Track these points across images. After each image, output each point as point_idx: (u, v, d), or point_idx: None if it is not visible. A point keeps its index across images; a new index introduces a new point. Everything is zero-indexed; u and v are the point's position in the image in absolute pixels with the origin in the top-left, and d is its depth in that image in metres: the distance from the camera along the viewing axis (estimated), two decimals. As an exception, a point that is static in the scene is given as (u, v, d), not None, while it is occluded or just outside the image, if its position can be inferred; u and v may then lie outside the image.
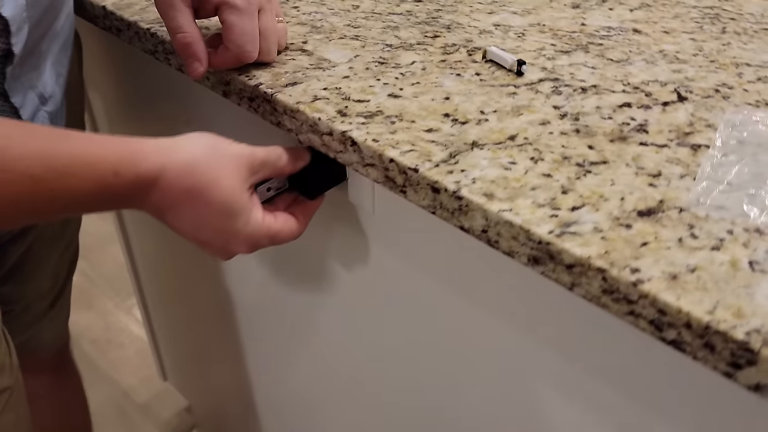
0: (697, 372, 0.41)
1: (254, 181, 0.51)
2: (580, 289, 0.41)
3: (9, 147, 0.39)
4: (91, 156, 0.43)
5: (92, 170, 0.43)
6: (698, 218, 0.43)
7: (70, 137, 0.43)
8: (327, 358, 0.82)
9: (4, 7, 0.50)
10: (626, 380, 0.48)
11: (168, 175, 0.46)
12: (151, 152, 0.46)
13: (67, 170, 0.42)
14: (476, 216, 0.45)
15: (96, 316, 1.74)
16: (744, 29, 0.67)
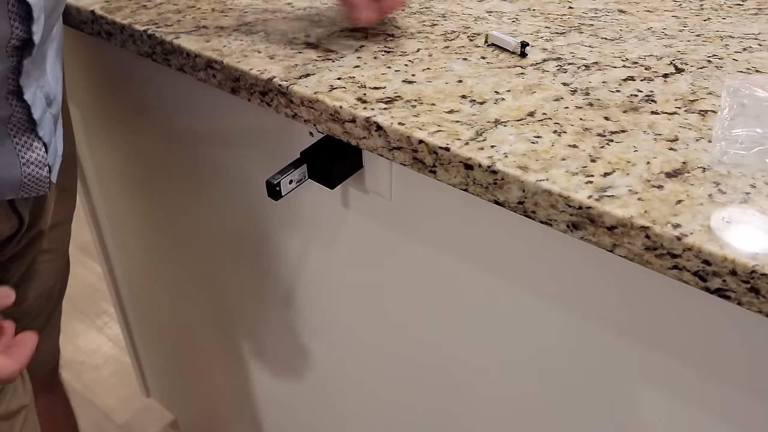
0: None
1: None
2: (622, 249, 0.43)
3: None
4: None
5: None
6: (722, 175, 0.45)
7: None
8: (326, 366, 0.82)
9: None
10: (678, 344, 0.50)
11: None
12: None
13: None
14: (512, 188, 0.46)
15: (65, 339, 1.68)
16: (720, 5, 0.71)
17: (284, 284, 0.82)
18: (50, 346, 0.89)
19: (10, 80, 0.54)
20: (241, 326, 0.96)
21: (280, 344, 0.90)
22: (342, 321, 0.77)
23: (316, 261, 0.75)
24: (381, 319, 0.72)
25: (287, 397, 0.97)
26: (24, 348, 0.53)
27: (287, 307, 0.84)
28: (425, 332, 0.68)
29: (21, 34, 0.51)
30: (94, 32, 0.73)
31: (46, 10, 0.53)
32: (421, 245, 0.62)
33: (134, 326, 1.28)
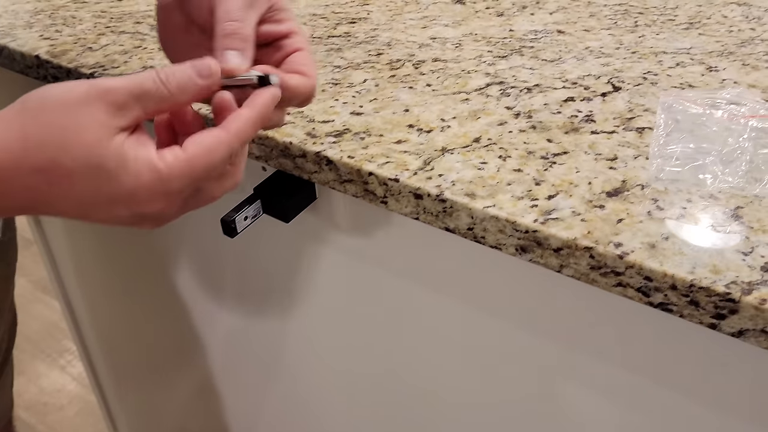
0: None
1: (128, 121, 0.37)
2: (569, 270, 0.45)
3: None
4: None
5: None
6: (659, 192, 0.47)
7: None
8: (302, 391, 0.82)
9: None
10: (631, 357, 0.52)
11: (3, 161, 0.35)
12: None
13: None
14: (461, 215, 0.48)
15: (27, 380, 1.66)
16: (653, 21, 0.74)
17: (247, 313, 0.82)
18: (3, 403, 0.87)
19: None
20: (210, 357, 0.96)
21: (251, 373, 0.90)
22: (306, 345, 0.77)
23: (277, 290, 0.75)
24: (344, 342, 0.73)
25: (261, 427, 0.97)
26: (239, 114, 0.39)
27: (253, 336, 0.84)
28: (392, 355, 0.69)
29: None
30: (40, 76, 0.72)
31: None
32: (380, 272, 0.63)
33: (97, 363, 1.27)
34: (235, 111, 0.39)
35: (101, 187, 0.36)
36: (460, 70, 0.64)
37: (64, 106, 0.36)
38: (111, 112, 0.36)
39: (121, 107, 0.36)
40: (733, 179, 0.47)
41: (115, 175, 0.36)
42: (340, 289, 0.68)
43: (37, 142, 0.35)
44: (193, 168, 0.37)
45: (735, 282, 0.40)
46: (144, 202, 0.38)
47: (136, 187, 0.37)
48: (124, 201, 0.37)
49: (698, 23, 0.73)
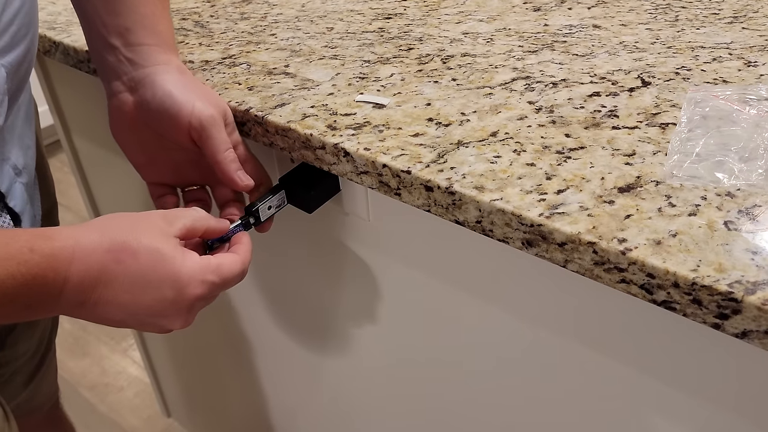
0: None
1: (176, 232, 0.50)
2: (573, 265, 0.44)
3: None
4: (5, 237, 0.44)
5: (6, 248, 0.43)
6: (674, 188, 0.46)
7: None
8: (340, 378, 0.84)
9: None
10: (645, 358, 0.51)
11: (83, 242, 0.45)
12: (63, 229, 0.46)
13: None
14: (470, 208, 0.48)
15: (92, 362, 1.74)
16: (695, 15, 0.72)
17: (286, 306, 0.84)
18: (49, 386, 0.92)
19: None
20: (258, 346, 0.98)
21: (296, 363, 0.92)
22: (340, 340, 0.79)
23: (308, 282, 0.77)
24: (375, 337, 0.74)
25: (305, 416, 0.99)
26: (242, 244, 0.55)
27: (296, 327, 0.86)
28: (417, 349, 0.69)
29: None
30: (90, 71, 0.76)
31: (9, 92, 0.55)
32: (401, 264, 0.64)
33: (152, 348, 1.32)
34: (237, 245, 0.55)
35: (157, 266, 0.47)
36: (487, 65, 0.64)
37: (132, 215, 0.50)
38: (166, 223, 0.50)
39: (171, 218, 0.50)
40: (753, 177, 0.46)
41: (169, 258, 0.48)
42: (365, 282, 0.69)
43: (111, 232, 0.47)
44: (221, 270, 0.51)
45: (739, 281, 0.39)
46: (186, 285, 0.48)
47: (183, 270, 0.48)
48: (171, 281, 0.48)
49: (743, 17, 0.70)
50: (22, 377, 0.84)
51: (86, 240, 0.46)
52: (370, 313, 0.72)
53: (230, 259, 0.52)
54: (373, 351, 0.75)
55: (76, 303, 0.46)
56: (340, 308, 0.75)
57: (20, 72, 0.57)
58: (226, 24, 0.79)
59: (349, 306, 0.74)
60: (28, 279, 0.43)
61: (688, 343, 0.48)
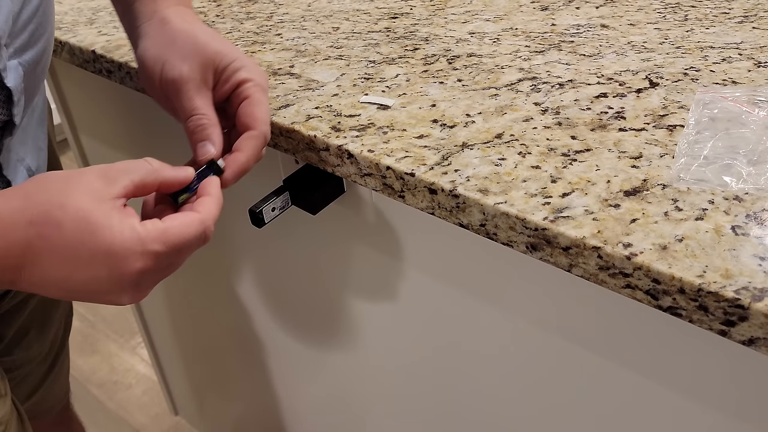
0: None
1: (118, 192, 0.42)
2: (578, 269, 0.44)
3: None
4: None
5: None
6: (681, 192, 0.45)
7: None
8: (348, 377, 0.84)
9: (8, 78, 0.51)
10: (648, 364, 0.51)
11: (3, 213, 0.40)
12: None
13: None
14: (473, 211, 0.47)
15: (101, 359, 1.75)
16: (705, 15, 0.71)
17: (293, 305, 0.84)
18: (61, 387, 0.92)
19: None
20: (265, 345, 0.98)
21: (304, 363, 0.92)
22: (347, 339, 0.79)
23: (314, 283, 0.77)
24: (380, 338, 0.73)
25: (312, 416, 0.99)
26: (206, 197, 0.46)
27: (304, 326, 0.86)
28: (424, 351, 0.69)
29: (2, 117, 0.53)
30: (96, 70, 0.76)
31: (26, 91, 0.55)
32: (406, 266, 0.63)
33: (160, 346, 1.32)
34: (201, 198, 0.46)
35: (85, 239, 0.40)
36: (493, 65, 0.64)
37: (64, 175, 0.42)
38: (104, 182, 0.42)
39: (110, 177, 0.42)
40: (761, 181, 0.45)
41: (100, 229, 0.40)
42: (371, 284, 0.69)
43: (35, 200, 0.41)
44: (168, 236, 0.42)
45: (746, 288, 0.38)
46: (122, 260, 0.41)
47: (116, 243, 0.41)
48: (104, 256, 0.41)
49: (754, 16, 0.69)
50: (34, 379, 0.84)
51: (7, 210, 0.40)
52: (375, 315, 0.71)
53: (181, 220, 0.43)
54: (379, 351, 0.75)
55: (7, 282, 0.42)
56: (345, 309, 0.75)
57: (37, 71, 0.57)
58: (232, 24, 0.79)
59: (355, 307, 0.73)
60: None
61: (695, 348, 0.47)
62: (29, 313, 0.78)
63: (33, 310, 0.78)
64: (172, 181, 0.46)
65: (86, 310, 1.87)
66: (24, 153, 0.61)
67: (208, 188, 0.47)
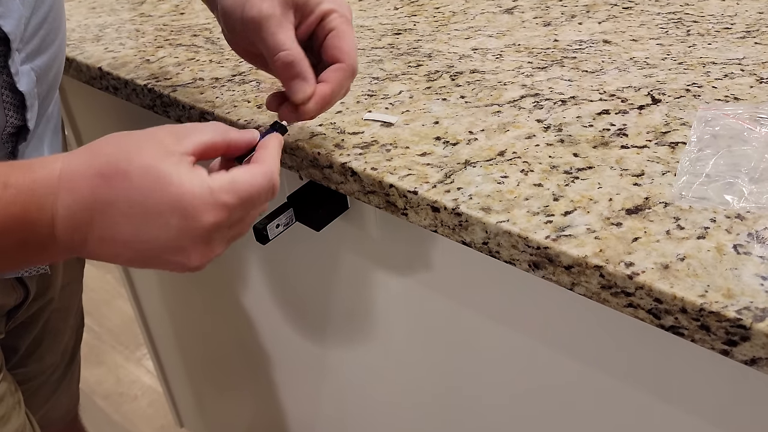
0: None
1: (186, 149, 0.41)
2: (581, 288, 0.44)
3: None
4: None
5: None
6: (683, 210, 0.46)
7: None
8: (352, 388, 0.84)
9: (20, 83, 0.52)
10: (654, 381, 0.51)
11: (71, 166, 0.39)
12: (49, 157, 0.41)
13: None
14: (476, 229, 0.48)
15: (107, 370, 1.75)
16: (707, 30, 0.71)
17: (299, 319, 0.84)
18: (71, 397, 0.92)
19: None
20: (272, 357, 0.99)
21: (310, 375, 0.92)
22: (352, 354, 0.79)
23: (318, 297, 0.77)
24: (383, 352, 0.73)
25: (318, 426, 0.99)
26: (266, 149, 0.45)
27: (309, 340, 0.86)
28: (427, 366, 0.69)
29: (15, 122, 0.54)
30: (102, 87, 0.77)
31: (39, 96, 0.56)
32: (411, 282, 0.64)
33: (165, 357, 1.33)
34: (260, 151, 0.45)
35: (154, 190, 0.39)
36: (496, 81, 0.64)
37: (134, 133, 0.42)
38: (173, 139, 0.41)
39: (180, 135, 0.42)
40: (763, 199, 0.45)
41: (168, 180, 0.39)
42: (375, 299, 0.69)
43: (103, 151, 0.40)
44: (237, 187, 0.41)
45: (748, 308, 0.38)
46: (193, 211, 0.40)
47: (186, 194, 0.40)
48: (175, 206, 0.40)
49: (756, 31, 0.70)
50: (46, 390, 0.85)
51: (75, 163, 0.40)
52: (380, 329, 0.71)
53: (246, 171, 0.42)
54: (383, 365, 0.75)
55: (76, 242, 0.40)
56: (349, 323, 0.75)
57: (49, 76, 0.58)
58: (237, 40, 0.79)
59: (359, 321, 0.74)
60: (6, 219, 0.38)
61: (698, 367, 0.47)
62: (42, 325, 0.78)
63: (46, 321, 0.79)
64: (239, 144, 0.45)
65: (93, 321, 1.87)
66: None
67: (267, 143, 0.46)
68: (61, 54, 0.60)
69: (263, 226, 0.58)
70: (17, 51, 0.52)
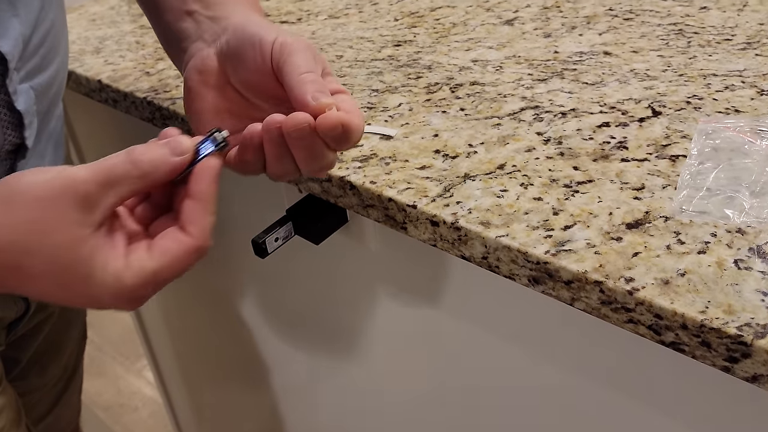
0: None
1: (100, 219, 0.37)
2: (581, 303, 0.44)
3: None
4: None
5: None
6: (683, 225, 0.45)
7: None
8: (353, 402, 0.83)
9: (18, 101, 0.52)
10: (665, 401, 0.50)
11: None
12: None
13: None
14: (475, 244, 0.47)
15: (107, 382, 1.75)
16: (708, 41, 0.71)
17: (299, 331, 0.84)
18: (72, 409, 0.92)
19: None
20: (272, 369, 0.98)
21: (311, 387, 0.92)
22: (352, 365, 0.78)
23: (318, 310, 0.77)
24: (383, 364, 0.73)
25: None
26: (196, 204, 0.40)
27: (310, 351, 0.86)
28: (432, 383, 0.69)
29: (14, 140, 0.53)
30: (102, 99, 0.77)
31: (39, 114, 0.55)
32: (410, 296, 0.63)
33: (165, 369, 1.32)
34: (191, 209, 0.39)
35: (67, 288, 0.37)
36: (496, 93, 0.64)
37: (33, 201, 0.36)
38: (81, 208, 0.36)
39: (91, 201, 0.36)
40: (765, 214, 0.45)
41: (82, 280, 0.37)
42: (374, 312, 0.69)
43: (4, 243, 0.35)
44: (158, 278, 0.38)
45: (749, 324, 0.38)
46: (107, 304, 0.38)
47: (101, 294, 0.37)
48: (87, 301, 0.38)
49: (757, 43, 0.69)
50: (47, 402, 0.84)
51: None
52: (380, 343, 0.71)
53: (173, 254, 0.38)
54: (384, 379, 0.75)
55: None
56: (349, 337, 0.75)
57: (50, 94, 0.58)
58: (237, 52, 0.79)
59: (359, 335, 0.73)
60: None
61: (700, 383, 0.47)
62: (44, 337, 0.78)
63: (48, 334, 0.78)
64: (165, 180, 0.39)
65: (93, 332, 1.87)
66: None
67: (198, 186, 0.39)
68: (62, 70, 0.60)
69: (262, 239, 0.58)
70: (16, 70, 0.51)
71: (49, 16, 0.56)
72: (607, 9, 0.81)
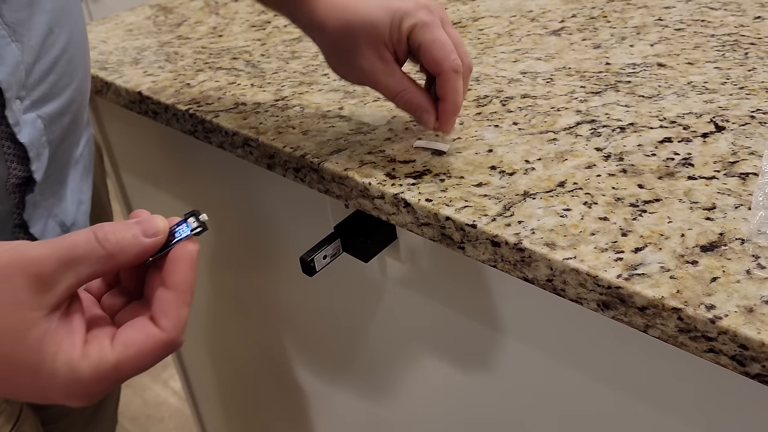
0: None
1: (55, 302, 0.32)
2: (655, 330, 0.42)
3: None
4: None
5: None
6: (761, 248, 0.43)
7: None
8: (396, 423, 0.81)
9: (22, 133, 0.49)
10: (705, 415, 0.48)
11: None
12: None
13: None
14: (540, 266, 0.45)
15: (133, 392, 1.74)
16: (766, 53, 0.69)
17: (339, 350, 0.82)
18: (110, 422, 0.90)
19: (15, 215, 0.54)
20: (306, 389, 0.96)
21: (346, 410, 0.90)
22: (398, 393, 0.76)
23: (361, 329, 0.75)
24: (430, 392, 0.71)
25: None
26: (172, 293, 0.35)
27: (348, 372, 0.84)
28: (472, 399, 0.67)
29: (20, 173, 0.51)
30: (142, 111, 0.76)
31: (51, 144, 0.53)
32: (461, 317, 0.61)
33: (194, 379, 1.31)
34: (164, 300, 0.35)
35: (9, 381, 0.33)
36: (549, 107, 0.62)
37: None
38: (35, 289, 0.31)
39: (48, 281, 0.32)
40: None
41: (29, 371, 0.32)
42: (421, 332, 0.67)
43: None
44: (119, 373, 0.34)
45: None
46: (56, 398, 0.34)
47: (50, 387, 0.33)
48: (34, 394, 0.34)
49: (818, 54, 0.67)
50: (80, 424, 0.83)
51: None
52: (427, 366, 0.69)
53: (139, 345, 0.34)
54: (428, 406, 0.73)
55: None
56: (396, 358, 0.73)
57: (63, 122, 0.55)
58: (278, 63, 0.78)
59: (406, 356, 0.71)
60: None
61: None
62: None
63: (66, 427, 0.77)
64: (133, 263, 0.35)
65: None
66: (57, 208, 0.58)
67: (174, 276, 0.35)
68: (80, 97, 0.57)
69: (310, 257, 0.56)
70: (18, 99, 0.49)
71: (59, 41, 0.53)
72: (656, 19, 0.78)
